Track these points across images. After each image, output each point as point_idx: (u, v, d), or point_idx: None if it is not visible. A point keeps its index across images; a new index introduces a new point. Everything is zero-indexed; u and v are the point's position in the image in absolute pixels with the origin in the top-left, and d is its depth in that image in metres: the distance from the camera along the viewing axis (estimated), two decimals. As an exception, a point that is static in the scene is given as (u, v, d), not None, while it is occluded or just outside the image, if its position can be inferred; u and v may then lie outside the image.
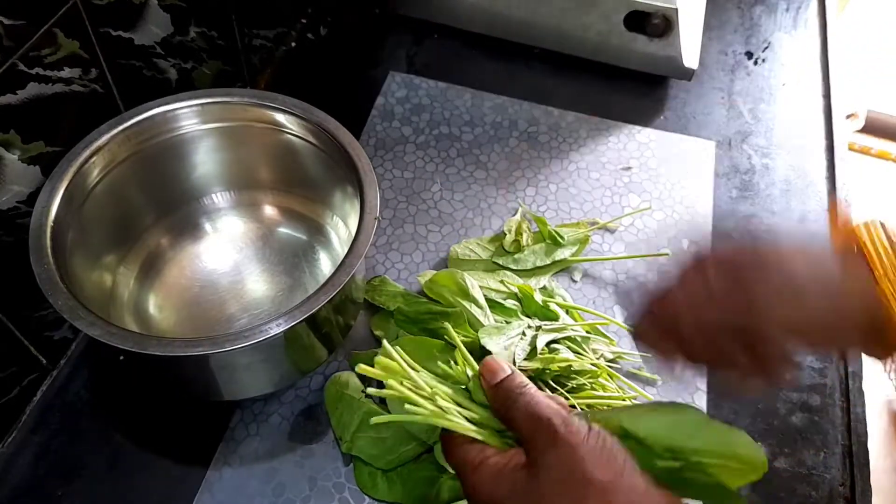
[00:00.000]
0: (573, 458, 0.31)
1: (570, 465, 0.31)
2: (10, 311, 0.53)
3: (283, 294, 0.61)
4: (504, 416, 0.35)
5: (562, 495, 0.31)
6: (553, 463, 0.32)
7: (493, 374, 0.36)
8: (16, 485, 0.54)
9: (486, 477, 0.33)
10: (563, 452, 0.32)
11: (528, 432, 0.33)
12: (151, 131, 0.57)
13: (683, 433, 0.38)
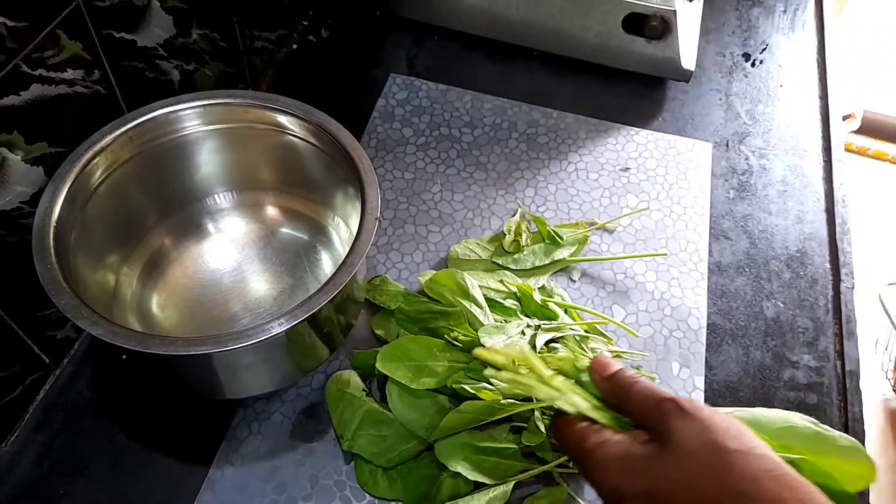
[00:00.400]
0: (707, 429, 0.32)
1: (705, 437, 0.31)
2: (13, 310, 0.54)
3: (285, 293, 0.62)
4: (620, 402, 0.36)
5: (701, 464, 0.31)
6: (687, 435, 0.32)
7: (605, 368, 0.38)
8: (18, 484, 0.54)
9: (613, 456, 0.34)
10: (697, 425, 0.32)
11: (653, 413, 0.34)
12: (154, 132, 0.58)
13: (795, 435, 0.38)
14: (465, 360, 0.56)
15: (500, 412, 0.53)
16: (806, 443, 0.39)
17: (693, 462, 0.31)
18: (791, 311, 0.66)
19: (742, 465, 0.30)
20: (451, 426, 0.52)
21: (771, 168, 0.77)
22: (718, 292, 0.67)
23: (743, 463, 0.30)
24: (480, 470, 0.52)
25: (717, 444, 0.31)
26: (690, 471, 0.31)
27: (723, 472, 0.30)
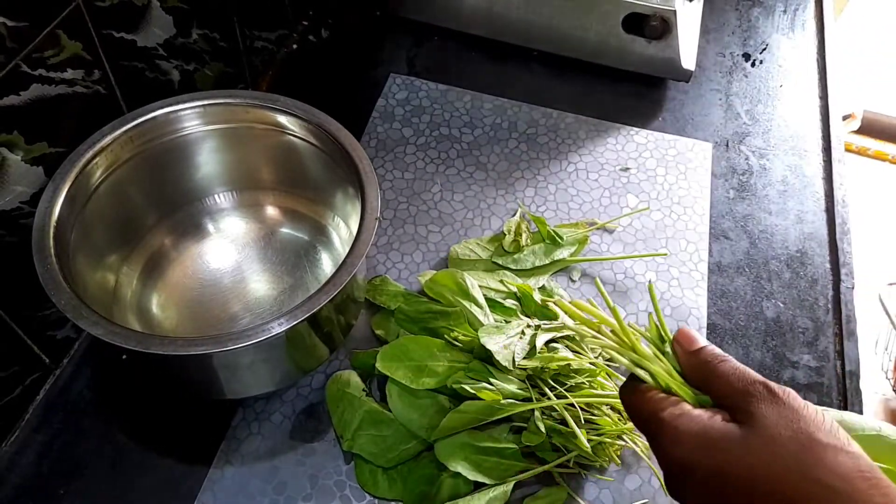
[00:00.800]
0: (800, 419, 0.30)
1: (797, 426, 0.30)
2: (13, 310, 0.54)
3: (285, 293, 0.62)
4: (703, 378, 0.34)
5: (789, 452, 0.30)
6: (777, 421, 0.30)
7: (690, 342, 0.36)
8: (18, 484, 0.54)
9: (690, 429, 0.32)
10: (786, 412, 0.31)
11: (740, 393, 0.32)
12: (154, 132, 0.58)
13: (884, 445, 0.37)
14: (465, 360, 0.56)
15: (500, 412, 0.53)
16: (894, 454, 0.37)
17: (780, 449, 0.30)
18: (791, 311, 0.66)
19: (834, 461, 0.28)
20: (451, 426, 0.52)
21: (771, 168, 0.77)
22: (718, 292, 0.67)
23: (835, 459, 0.29)
24: (480, 470, 0.52)
25: (809, 434, 0.30)
26: (776, 456, 0.29)
27: (813, 465, 0.29)
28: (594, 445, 0.53)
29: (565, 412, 0.53)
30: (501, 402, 0.53)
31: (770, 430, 0.30)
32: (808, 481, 0.28)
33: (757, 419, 0.31)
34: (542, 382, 0.55)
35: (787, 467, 0.29)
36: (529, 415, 0.54)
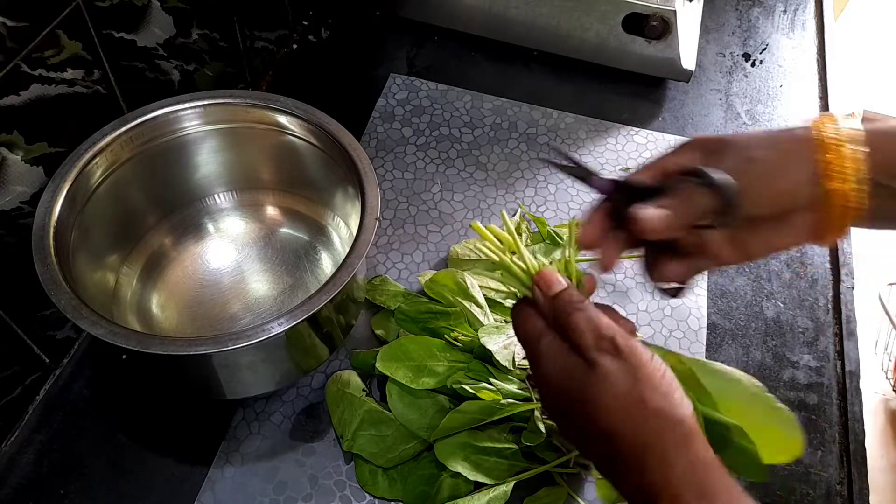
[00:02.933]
0: (634, 375, 0.33)
1: (630, 382, 0.33)
2: (14, 310, 0.54)
3: (285, 293, 0.62)
4: (562, 325, 0.36)
5: (616, 406, 0.33)
6: (613, 372, 0.34)
7: (548, 286, 0.37)
8: (18, 484, 0.54)
9: (548, 351, 0.36)
10: (625, 367, 0.34)
11: (587, 346, 0.35)
12: (154, 132, 0.58)
13: (739, 392, 0.40)
14: (465, 360, 0.56)
15: (500, 412, 0.53)
16: (746, 401, 0.41)
17: (609, 397, 0.33)
18: (791, 311, 0.66)
19: (653, 423, 0.32)
20: (451, 426, 0.52)
21: (771, 168, 0.77)
22: (718, 292, 0.67)
23: (655, 422, 0.32)
24: (480, 470, 0.52)
25: (638, 393, 0.33)
26: (610, 407, 0.33)
27: (639, 422, 0.32)
28: (594, 445, 0.53)
29: (565, 412, 0.53)
30: (501, 402, 0.53)
31: (609, 383, 0.33)
32: (632, 435, 0.32)
33: (600, 368, 0.34)
34: (542, 382, 0.55)
35: (617, 419, 0.33)
36: (529, 415, 0.54)
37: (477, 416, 0.53)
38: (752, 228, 0.38)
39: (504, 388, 0.54)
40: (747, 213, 0.37)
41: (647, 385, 0.33)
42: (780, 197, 0.37)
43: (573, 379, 0.35)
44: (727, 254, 0.39)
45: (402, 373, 0.54)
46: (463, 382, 0.54)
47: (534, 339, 0.37)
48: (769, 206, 0.37)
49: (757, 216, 0.37)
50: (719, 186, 0.37)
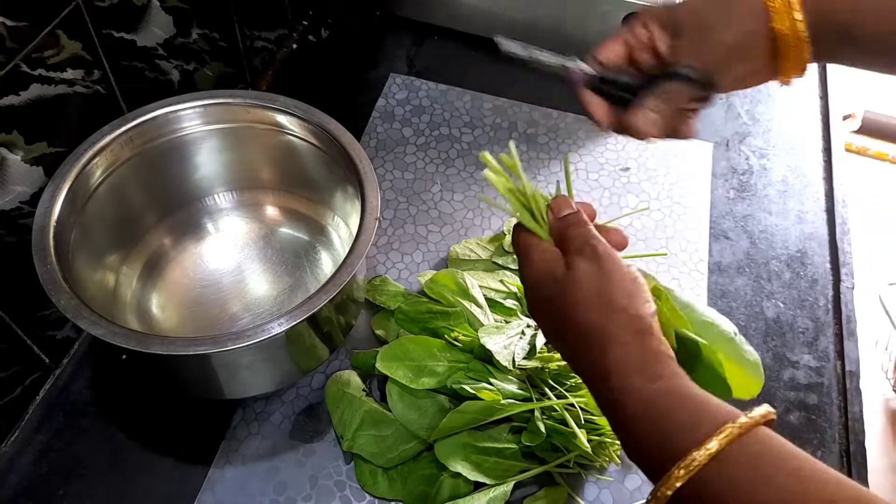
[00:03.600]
0: (606, 277, 0.38)
1: (600, 282, 0.38)
2: (13, 310, 0.53)
3: (285, 293, 0.62)
4: (558, 237, 0.41)
5: (585, 301, 0.37)
6: (587, 272, 0.38)
7: (558, 209, 0.42)
8: (17, 484, 0.54)
9: (535, 255, 0.41)
10: (598, 269, 0.38)
11: (573, 250, 0.39)
12: (154, 132, 0.58)
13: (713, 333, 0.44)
14: (465, 360, 0.56)
15: (500, 412, 0.53)
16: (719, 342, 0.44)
17: (579, 292, 0.38)
18: (791, 311, 0.66)
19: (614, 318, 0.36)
20: (451, 426, 0.52)
21: (771, 168, 0.77)
22: (718, 292, 0.67)
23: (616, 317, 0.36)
24: (480, 470, 0.52)
25: (607, 293, 0.37)
26: (580, 304, 0.37)
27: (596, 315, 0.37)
28: (594, 445, 0.53)
29: (565, 412, 0.53)
30: (501, 402, 0.53)
31: (582, 281, 0.38)
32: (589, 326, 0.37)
33: (575, 270, 0.39)
34: (542, 382, 0.55)
35: (585, 311, 0.37)
36: (529, 415, 0.54)
37: (477, 416, 0.53)
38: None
39: (504, 388, 0.54)
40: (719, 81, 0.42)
41: (616, 286, 0.37)
42: (738, 52, 0.41)
43: (554, 279, 0.39)
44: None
45: (402, 373, 0.54)
46: (463, 382, 0.54)
47: (527, 247, 0.42)
48: (731, 67, 0.42)
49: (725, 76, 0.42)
50: (698, 80, 0.41)
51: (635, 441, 0.35)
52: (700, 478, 0.31)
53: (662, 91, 0.43)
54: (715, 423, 0.32)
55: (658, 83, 0.43)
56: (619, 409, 0.35)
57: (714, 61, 0.41)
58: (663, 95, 0.43)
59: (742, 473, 0.30)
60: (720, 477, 0.31)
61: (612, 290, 0.37)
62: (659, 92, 0.43)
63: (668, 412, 0.34)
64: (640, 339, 0.36)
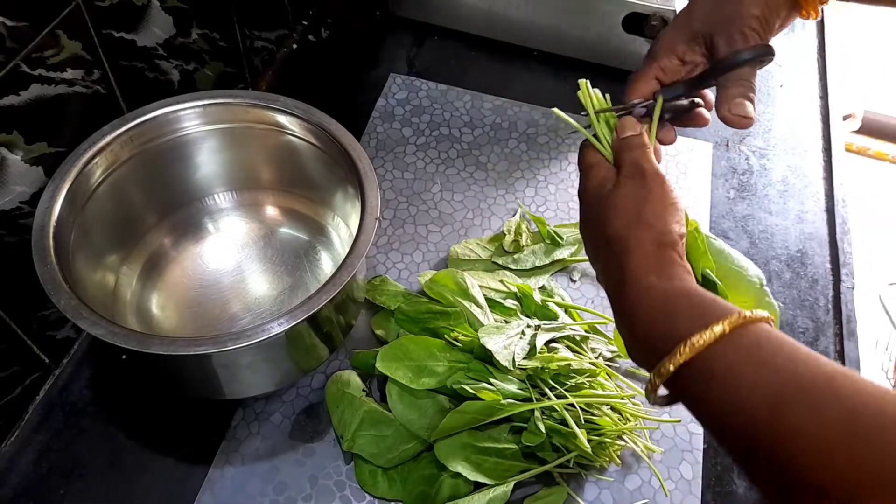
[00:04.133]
0: (644, 194, 0.41)
1: (640, 197, 0.41)
2: (13, 310, 0.53)
3: (285, 293, 0.62)
4: (616, 157, 0.45)
5: (620, 215, 0.41)
6: (630, 190, 0.41)
7: (623, 130, 0.46)
8: (18, 484, 0.54)
9: (593, 172, 0.45)
10: (641, 187, 0.41)
11: (626, 168, 0.43)
12: (154, 132, 0.58)
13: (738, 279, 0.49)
14: (465, 360, 0.56)
15: (500, 412, 0.53)
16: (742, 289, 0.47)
17: (619, 204, 0.41)
18: (791, 311, 0.66)
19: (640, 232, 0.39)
20: (451, 426, 0.52)
21: (771, 168, 0.77)
22: (718, 292, 0.67)
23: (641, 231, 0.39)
24: (480, 470, 0.52)
25: (640, 212, 0.40)
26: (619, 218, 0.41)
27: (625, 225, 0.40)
28: (594, 445, 0.53)
29: (565, 412, 0.53)
30: (501, 402, 0.53)
31: (624, 198, 0.41)
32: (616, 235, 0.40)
33: (621, 187, 0.42)
34: (542, 382, 0.55)
35: (617, 224, 0.40)
36: (529, 415, 0.54)
37: (477, 416, 0.53)
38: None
39: (504, 388, 0.54)
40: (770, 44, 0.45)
41: (652, 203, 0.40)
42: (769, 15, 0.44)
43: (601, 196, 0.43)
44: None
45: (402, 373, 0.54)
46: (463, 382, 0.54)
47: (588, 165, 0.46)
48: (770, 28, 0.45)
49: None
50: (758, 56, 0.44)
51: (643, 333, 0.37)
52: (702, 357, 0.33)
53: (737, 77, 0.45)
54: (722, 314, 0.33)
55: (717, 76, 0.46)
56: (632, 305, 0.37)
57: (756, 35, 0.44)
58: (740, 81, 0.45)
59: (742, 355, 0.32)
60: (721, 357, 0.32)
61: (647, 206, 0.40)
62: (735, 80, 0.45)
63: (678, 304, 0.36)
64: (662, 250, 0.39)
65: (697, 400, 0.34)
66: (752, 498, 0.55)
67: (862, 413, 0.28)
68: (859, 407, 0.28)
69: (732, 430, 0.32)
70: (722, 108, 0.46)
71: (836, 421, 0.28)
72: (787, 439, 0.29)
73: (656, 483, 0.55)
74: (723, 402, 0.32)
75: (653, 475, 0.55)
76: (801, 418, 0.29)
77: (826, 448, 0.28)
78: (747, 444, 0.31)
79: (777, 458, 0.29)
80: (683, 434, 0.58)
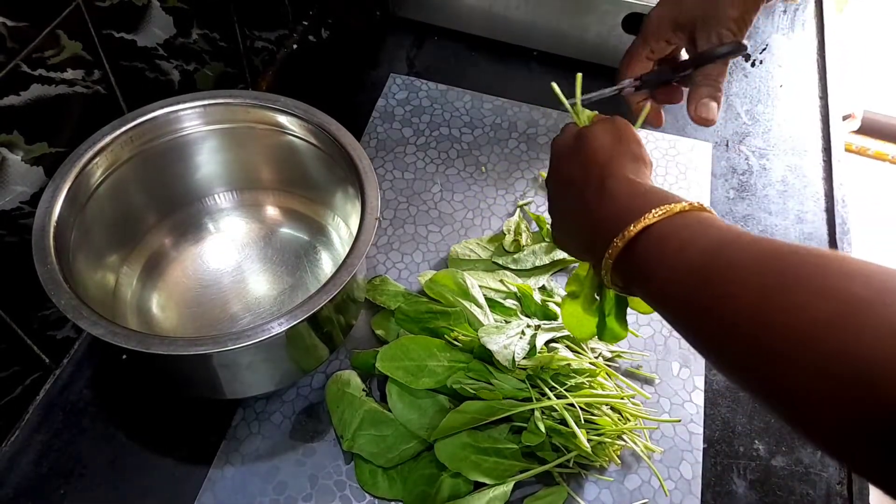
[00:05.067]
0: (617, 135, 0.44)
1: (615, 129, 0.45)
2: (14, 310, 0.54)
3: (285, 293, 0.62)
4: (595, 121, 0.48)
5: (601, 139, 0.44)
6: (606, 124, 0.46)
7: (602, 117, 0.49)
8: (18, 484, 0.54)
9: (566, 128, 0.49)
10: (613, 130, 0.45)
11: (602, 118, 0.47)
12: (154, 132, 0.58)
13: None
14: (465, 360, 0.56)
15: (500, 412, 0.53)
16: None
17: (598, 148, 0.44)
18: (791, 311, 0.66)
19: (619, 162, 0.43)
20: (451, 426, 0.52)
21: (771, 168, 0.77)
22: (718, 292, 0.67)
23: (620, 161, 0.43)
24: (480, 470, 0.52)
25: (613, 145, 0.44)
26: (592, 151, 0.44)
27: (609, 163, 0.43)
28: (594, 445, 0.53)
29: (565, 412, 0.53)
30: (501, 401, 0.53)
31: (597, 137, 0.45)
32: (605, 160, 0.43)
33: (597, 126, 0.46)
34: (542, 382, 0.55)
35: (595, 160, 0.43)
36: (529, 415, 0.54)
37: (477, 416, 0.53)
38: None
39: (504, 388, 0.54)
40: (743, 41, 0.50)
41: (626, 136, 0.44)
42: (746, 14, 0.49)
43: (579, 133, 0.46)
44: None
45: (402, 373, 0.54)
46: (463, 382, 0.54)
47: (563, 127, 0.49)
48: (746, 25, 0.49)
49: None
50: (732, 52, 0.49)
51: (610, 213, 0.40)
52: (658, 226, 0.37)
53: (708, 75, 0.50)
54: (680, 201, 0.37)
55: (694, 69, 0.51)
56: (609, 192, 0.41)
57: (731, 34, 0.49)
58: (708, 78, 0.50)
59: (691, 221, 0.36)
60: (672, 224, 0.36)
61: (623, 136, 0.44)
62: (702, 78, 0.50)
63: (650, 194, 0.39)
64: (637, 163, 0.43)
65: (649, 266, 0.36)
66: (751, 498, 0.55)
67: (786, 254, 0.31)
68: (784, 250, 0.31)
69: (680, 289, 0.35)
70: (690, 107, 0.52)
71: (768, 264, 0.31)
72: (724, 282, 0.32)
73: (656, 483, 0.55)
74: (669, 264, 0.35)
75: (653, 475, 0.55)
76: (736, 258, 0.32)
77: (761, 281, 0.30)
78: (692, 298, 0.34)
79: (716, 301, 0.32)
80: (683, 434, 0.58)
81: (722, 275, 0.32)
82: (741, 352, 0.31)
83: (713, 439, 0.58)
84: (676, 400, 0.60)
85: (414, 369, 0.55)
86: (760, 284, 0.30)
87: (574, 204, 0.44)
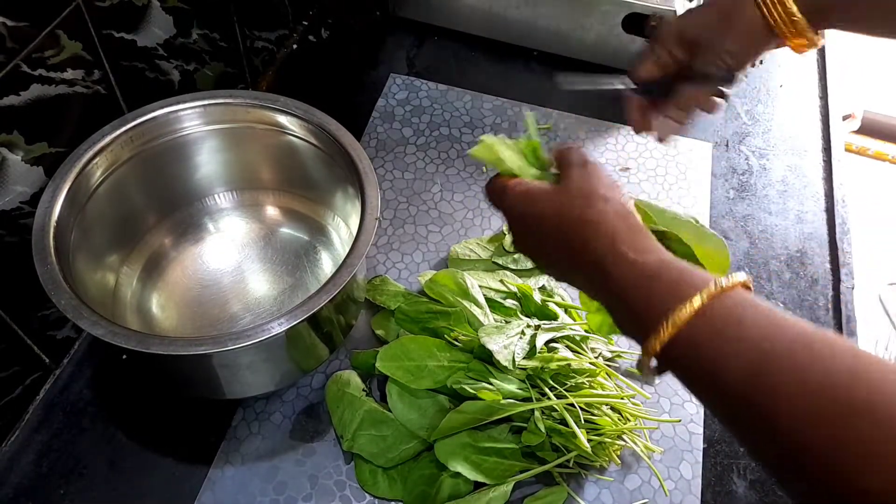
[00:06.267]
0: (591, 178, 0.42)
1: (587, 183, 0.42)
2: (14, 310, 0.54)
3: (285, 293, 0.62)
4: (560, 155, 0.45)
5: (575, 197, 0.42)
6: (577, 179, 0.42)
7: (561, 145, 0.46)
8: (18, 483, 0.54)
9: (520, 190, 0.44)
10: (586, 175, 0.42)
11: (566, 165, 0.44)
12: (154, 132, 0.58)
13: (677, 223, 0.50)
14: (465, 360, 0.56)
15: (500, 412, 0.53)
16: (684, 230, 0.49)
17: (571, 196, 0.42)
18: (791, 311, 0.66)
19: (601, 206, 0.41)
20: (451, 426, 0.52)
21: (771, 168, 0.77)
22: (718, 292, 0.67)
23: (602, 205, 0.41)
24: (480, 470, 0.52)
25: (592, 187, 0.41)
26: (568, 202, 0.42)
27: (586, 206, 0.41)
28: (594, 445, 0.53)
29: (565, 412, 0.53)
30: (501, 402, 0.53)
31: (571, 187, 0.42)
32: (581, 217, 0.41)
33: (566, 179, 0.43)
34: (542, 382, 0.55)
35: (572, 207, 0.41)
36: (529, 415, 0.54)
37: (477, 416, 0.53)
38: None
39: (504, 388, 0.54)
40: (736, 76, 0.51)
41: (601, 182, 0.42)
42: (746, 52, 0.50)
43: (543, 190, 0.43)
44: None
45: (402, 373, 0.54)
46: (463, 382, 0.54)
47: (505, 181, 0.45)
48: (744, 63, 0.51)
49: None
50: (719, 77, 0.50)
51: (629, 308, 0.38)
52: (686, 331, 0.34)
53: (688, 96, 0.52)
54: (699, 285, 0.35)
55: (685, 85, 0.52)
56: (614, 281, 0.38)
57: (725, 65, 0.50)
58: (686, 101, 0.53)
59: (721, 324, 0.34)
60: (703, 328, 0.34)
61: (600, 184, 0.42)
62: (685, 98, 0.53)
63: (656, 280, 0.37)
64: (625, 219, 0.40)
65: (686, 370, 0.35)
66: (751, 498, 0.55)
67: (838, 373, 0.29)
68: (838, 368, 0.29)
69: (720, 397, 0.33)
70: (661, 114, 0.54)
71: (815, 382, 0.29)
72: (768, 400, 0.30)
73: (656, 483, 0.55)
74: (708, 370, 0.33)
75: (653, 475, 0.55)
76: (781, 380, 0.30)
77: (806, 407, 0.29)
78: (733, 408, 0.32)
79: (759, 419, 0.31)
80: (683, 434, 0.58)
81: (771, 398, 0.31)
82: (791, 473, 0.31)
83: (713, 439, 0.58)
84: (676, 400, 0.60)
85: (414, 369, 0.55)
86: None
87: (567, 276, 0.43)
